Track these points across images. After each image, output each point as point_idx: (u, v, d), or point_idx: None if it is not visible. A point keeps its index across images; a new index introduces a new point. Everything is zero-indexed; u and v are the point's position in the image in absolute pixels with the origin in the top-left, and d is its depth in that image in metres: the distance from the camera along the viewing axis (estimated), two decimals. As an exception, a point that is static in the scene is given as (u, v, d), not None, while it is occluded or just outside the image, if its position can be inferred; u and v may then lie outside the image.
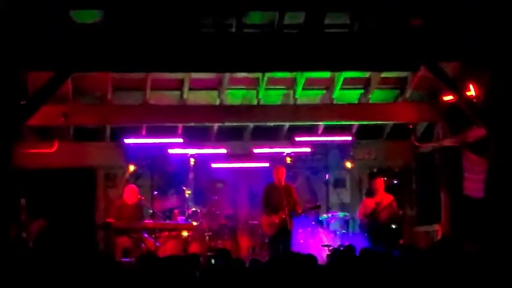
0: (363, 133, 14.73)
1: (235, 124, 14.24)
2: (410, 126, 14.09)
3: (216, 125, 14.24)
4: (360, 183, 15.16)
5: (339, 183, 15.16)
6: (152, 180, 14.01)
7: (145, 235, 12.57)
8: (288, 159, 13.91)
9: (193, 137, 14.05)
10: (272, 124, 14.29)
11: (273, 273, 5.15)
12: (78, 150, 14.07)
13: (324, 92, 13.84)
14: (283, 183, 12.52)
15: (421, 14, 11.07)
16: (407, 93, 13.75)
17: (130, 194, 12.98)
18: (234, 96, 13.71)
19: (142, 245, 12.45)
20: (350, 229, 13.94)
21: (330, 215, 13.94)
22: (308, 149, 14.31)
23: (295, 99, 13.74)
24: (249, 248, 13.83)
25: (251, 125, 14.34)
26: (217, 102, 13.68)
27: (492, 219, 10.85)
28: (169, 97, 13.65)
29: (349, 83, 13.69)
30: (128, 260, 11.68)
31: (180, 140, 13.79)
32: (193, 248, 13.03)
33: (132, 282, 6.22)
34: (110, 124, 13.98)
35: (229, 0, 11.11)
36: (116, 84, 13.15)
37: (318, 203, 13.69)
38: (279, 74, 13.28)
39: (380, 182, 13.29)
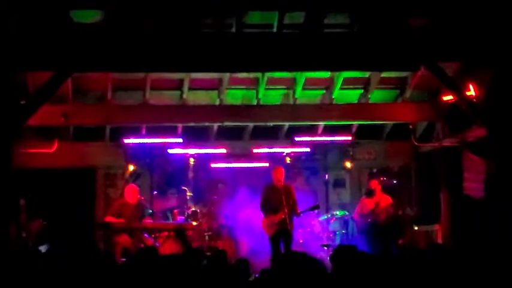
0: (362, 133, 14.73)
1: (235, 124, 14.24)
2: (411, 126, 14.09)
3: (215, 125, 14.24)
4: (359, 183, 15.15)
5: (338, 183, 15.17)
6: (152, 180, 14.03)
7: (145, 235, 12.57)
8: (288, 159, 13.91)
9: (193, 137, 14.06)
10: (272, 124, 14.30)
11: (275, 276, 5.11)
12: (78, 150, 14.08)
13: (324, 92, 13.84)
14: (282, 183, 12.42)
15: (421, 14, 11.07)
16: (407, 93, 13.75)
17: (131, 194, 12.98)
18: (234, 96, 13.71)
19: (142, 244, 12.44)
20: (350, 229, 13.92)
21: (329, 215, 13.94)
22: (308, 149, 14.32)
23: (295, 99, 13.73)
24: (248, 248, 13.80)
25: (251, 125, 14.33)
26: (217, 102, 13.68)
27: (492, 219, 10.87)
28: (169, 97, 13.65)
29: (349, 83, 13.69)
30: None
31: (180, 140, 13.80)
32: (193, 248, 13.03)
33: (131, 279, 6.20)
34: (109, 124, 13.98)
35: (229, 0, 11.12)
36: (116, 84, 13.15)
37: (317, 203, 13.65)
38: (279, 74, 13.28)
39: (375, 183, 13.27)
